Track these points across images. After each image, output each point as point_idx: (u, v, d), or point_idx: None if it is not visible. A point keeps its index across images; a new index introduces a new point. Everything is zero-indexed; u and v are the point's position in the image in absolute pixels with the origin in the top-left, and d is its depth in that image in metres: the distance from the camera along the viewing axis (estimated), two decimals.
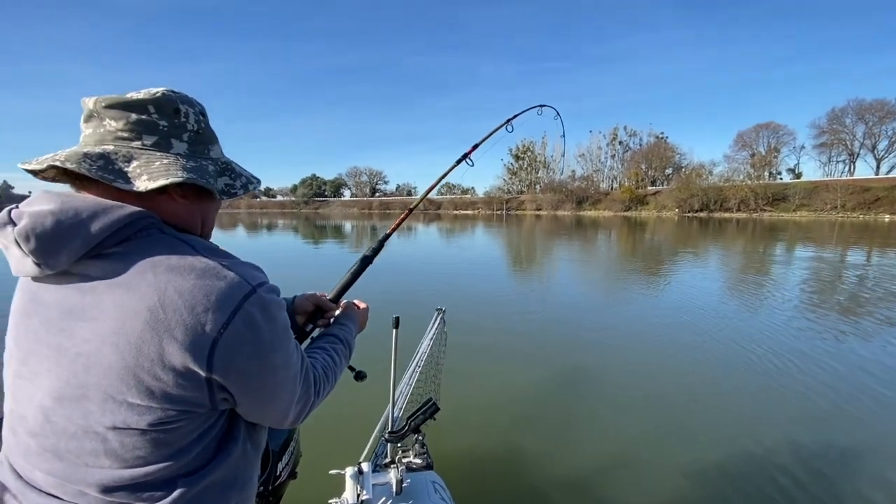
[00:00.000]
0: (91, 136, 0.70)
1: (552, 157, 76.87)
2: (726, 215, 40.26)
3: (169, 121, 0.71)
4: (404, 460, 1.56)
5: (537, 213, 58.79)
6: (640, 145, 65.14)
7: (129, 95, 0.69)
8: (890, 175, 40.74)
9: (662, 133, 64.57)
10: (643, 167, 60.61)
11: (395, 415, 1.63)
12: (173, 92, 0.73)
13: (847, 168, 47.65)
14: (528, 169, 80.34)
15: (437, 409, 1.49)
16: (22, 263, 0.64)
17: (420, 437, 1.58)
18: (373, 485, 1.46)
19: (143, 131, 0.70)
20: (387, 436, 1.60)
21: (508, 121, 1.68)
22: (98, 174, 0.64)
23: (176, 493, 0.68)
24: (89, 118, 0.70)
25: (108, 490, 0.65)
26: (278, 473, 1.22)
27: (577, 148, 74.84)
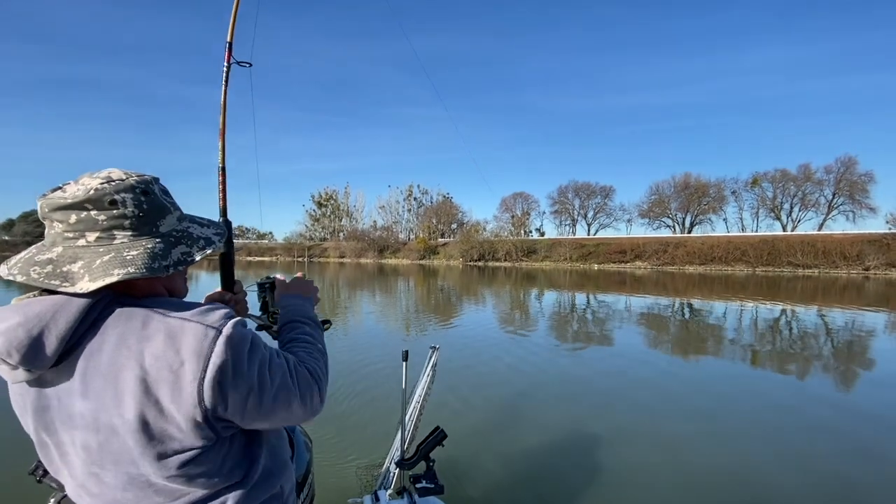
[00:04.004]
0: (48, 236, 0.75)
1: (355, 206, 79.24)
2: (497, 264, 48.84)
3: (107, 213, 0.73)
4: (417, 486, 1.71)
5: (341, 260, 58.77)
6: (431, 202, 73.79)
7: (68, 195, 0.72)
8: (596, 235, 58.64)
9: (448, 193, 74.98)
10: (434, 221, 68.46)
11: (405, 443, 1.82)
12: (108, 182, 0.74)
13: (571, 229, 65.02)
14: (331, 216, 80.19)
15: (445, 436, 1.79)
16: (14, 375, 0.71)
17: (430, 464, 1.77)
18: None
19: (85, 229, 0.73)
20: (398, 463, 1.78)
21: None
22: (44, 282, 0.69)
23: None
24: (44, 219, 0.74)
25: None
26: None
27: (378, 200, 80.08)
